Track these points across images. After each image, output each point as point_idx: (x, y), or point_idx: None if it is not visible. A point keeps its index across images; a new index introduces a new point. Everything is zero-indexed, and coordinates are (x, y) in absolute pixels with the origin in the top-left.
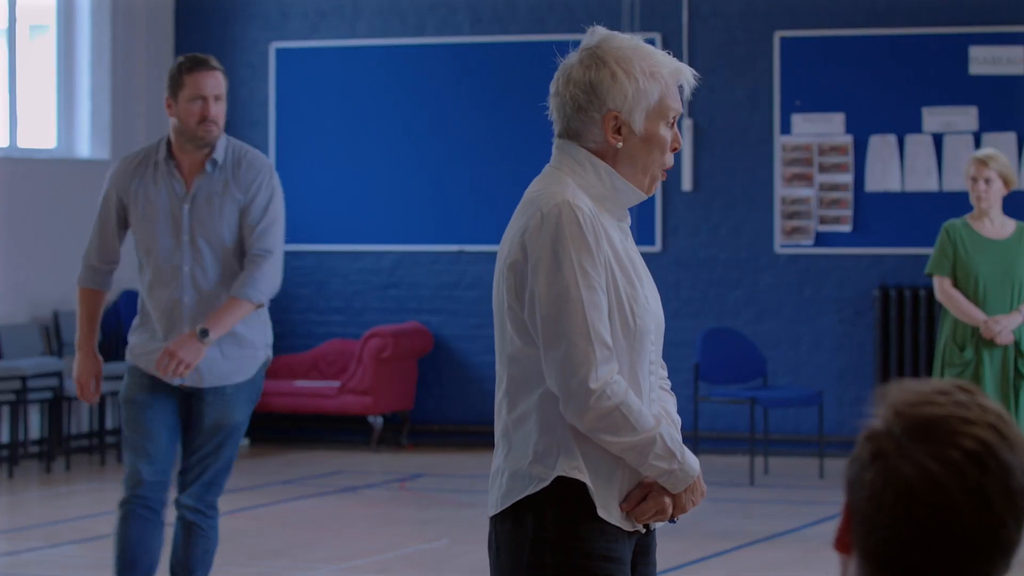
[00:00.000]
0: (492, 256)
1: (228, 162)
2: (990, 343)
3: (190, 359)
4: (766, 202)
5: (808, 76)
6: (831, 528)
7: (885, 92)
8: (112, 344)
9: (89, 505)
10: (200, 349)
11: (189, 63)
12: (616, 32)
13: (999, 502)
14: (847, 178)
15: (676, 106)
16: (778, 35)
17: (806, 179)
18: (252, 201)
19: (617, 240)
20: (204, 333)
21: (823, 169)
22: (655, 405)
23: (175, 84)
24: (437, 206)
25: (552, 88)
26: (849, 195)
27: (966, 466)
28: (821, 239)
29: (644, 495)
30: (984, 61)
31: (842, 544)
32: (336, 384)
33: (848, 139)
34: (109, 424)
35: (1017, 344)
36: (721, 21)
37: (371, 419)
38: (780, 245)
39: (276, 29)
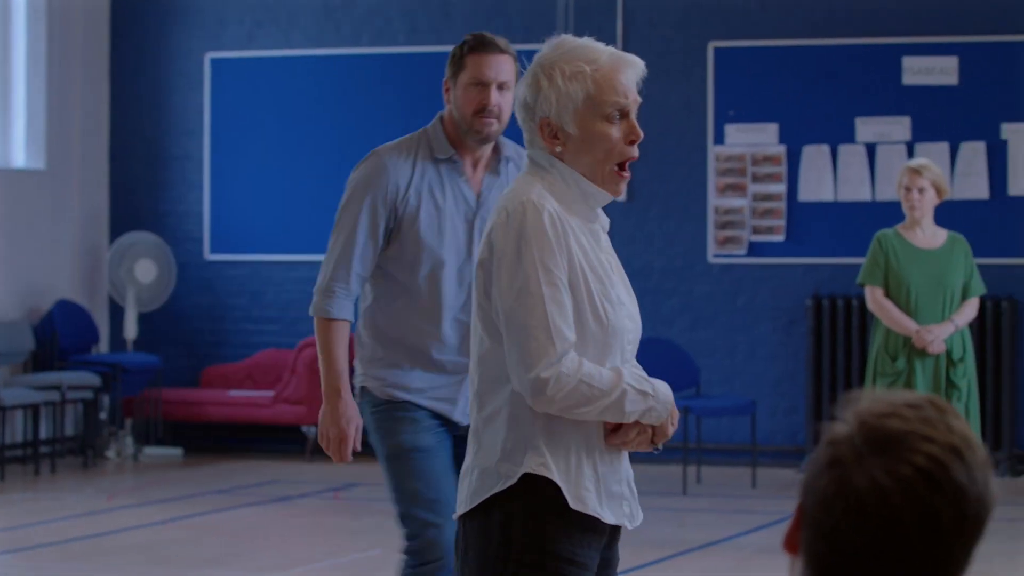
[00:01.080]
0: None
1: (515, 161)
2: (922, 353)
3: None
4: (700, 212)
5: (742, 86)
6: (764, 537)
7: (818, 102)
8: (47, 355)
9: (23, 516)
10: None
11: (473, 42)
12: (568, 37)
13: (949, 524)
14: (780, 188)
15: (615, 99)
16: (712, 45)
17: (739, 189)
18: None
19: (586, 241)
20: None
21: (756, 179)
22: None
23: (456, 64)
24: None
25: None
26: (782, 205)
27: (917, 483)
28: (754, 248)
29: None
30: (917, 71)
31: (791, 544)
32: (270, 394)
33: (781, 149)
34: (44, 434)
35: (949, 353)
36: (656, 31)
37: (305, 429)
38: (714, 255)
39: (212, 39)
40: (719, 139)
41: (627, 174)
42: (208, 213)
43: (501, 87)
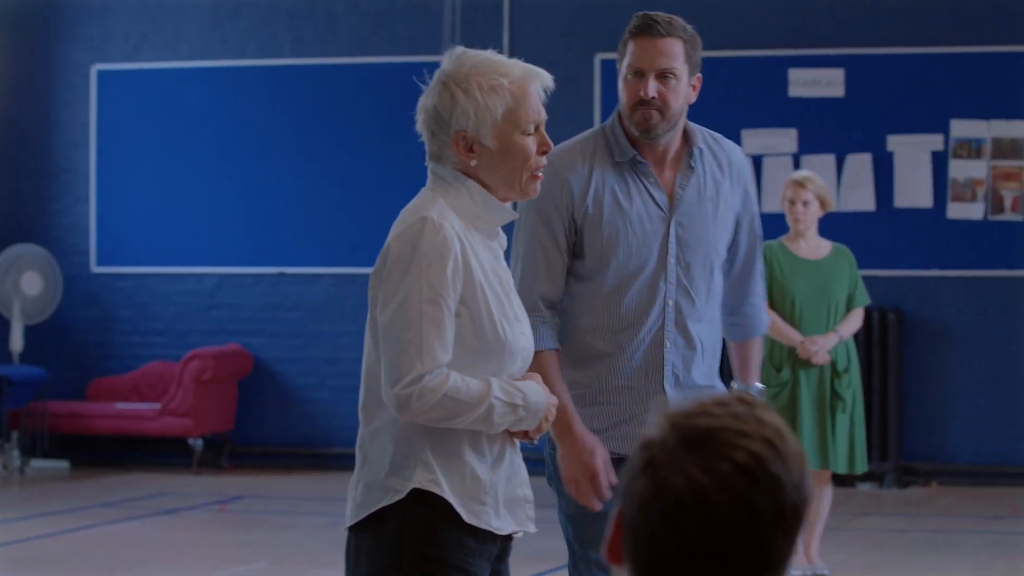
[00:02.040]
0: (313, 278)
1: (710, 151)
2: (807, 363)
3: None
4: None
5: None
6: None
7: (704, 114)
8: None
9: None
10: None
11: (633, 24)
12: (469, 50)
13: (768, 516)
14: None
15: (531, 114)
16: (599, 56)
17: None
18: (745, 205)
19: (486, 258)
20: (762, 394)
21: None
22: None
23: (620, 52)
24: (258, 228)
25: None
26: None
27: (735, 478)
28: None
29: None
30: (803, 83)
31: (613, 554)
32: (157, 406)
33: None
34: None
35: (833, 364)
36: (542, 42)
37: (191, 441)
38: None
39: (98, 51)
40: None
41: (541, 176)
42: (94, 225)
43: (662, 75)
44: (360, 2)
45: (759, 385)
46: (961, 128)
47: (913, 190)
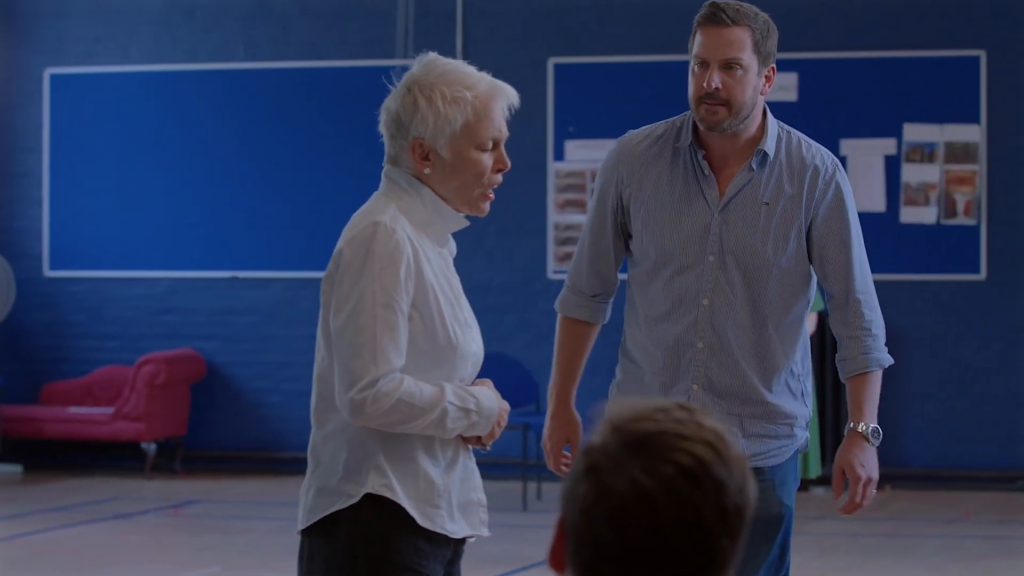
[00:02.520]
0: (266, 282)
1: (783, 156)
2: None
3: (875, 474)
4: (539, 228)
5: (582, 102)
6: None
7: (658, 119)
8: None
9: None
10: (874, 454)
11: (701, 14)
12: (440, 57)
13: (712, 518)
14: None
15: (490, 130)
16: (552, 60)
17: (580, 205)
18: (818, 213)
19: (437, 264)
20: (876, 433)
21: None
22: None
23: (689, 43)
24: (211, 232)
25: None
26: None
27: (679, 481)
28: None
29: None
30: None
31: (556, 560)
32: (110, 411)
33: None
34: None
35: None
36: (495, 46)
37: (145, 445)
38: (553, 271)
39: (51, 54)
40: (559, 155)
41: (492, 196)
42: (47, 230)
43: (728, 66)
44: (313, 5)
45: (873, 426)
46: (914, 132)
47: (866, 194)
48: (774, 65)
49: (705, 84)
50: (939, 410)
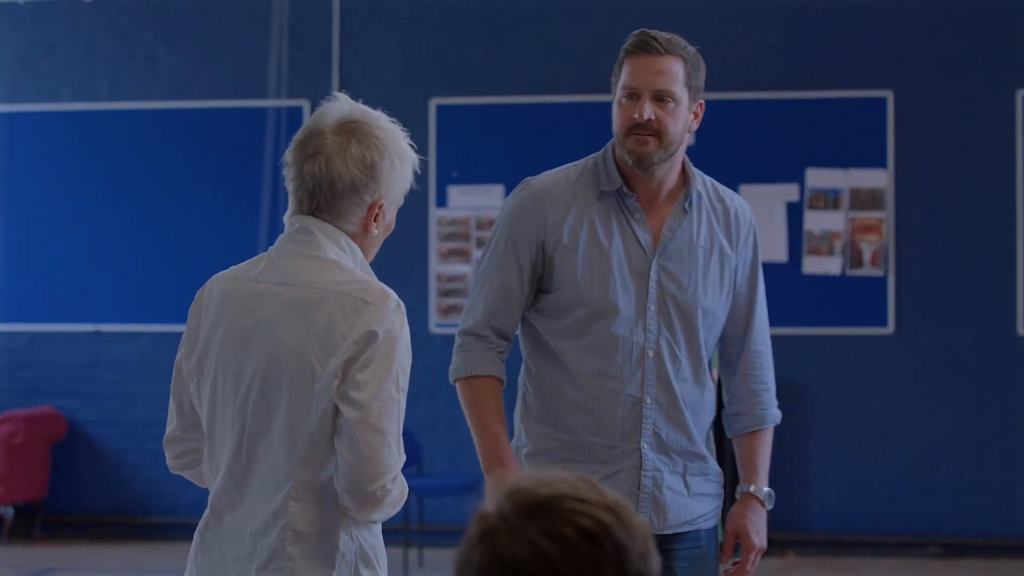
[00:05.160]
0: (131, 336)
1: (709, 198)
2: None
3: (766, 542)
4: (421, 279)
5: (465, 146)
6: None
7: (544, 162)
8: None
9: None
10: (765, 519)
11: (629, 42)
12: (383, 115)
13: None
14: None
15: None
16: (434, 102)
17: (463, 255)
18: (740, 261)
19: None
20: (771, 497)
21: (481, 244)
22: None
23: (615, 74)
24: (72, 282)
25: (299, 158)
26: None
27: (580, 544)
28: None
29: None
30: None
31: None
32: None
33: None
34: None
35: None
36: (374, 87)
37: (1, 510)
38: (436, 324)
39: None
40: (441, 201)
41: None
42: None
43: (660, 97)
44: (181, 44)
45: (767, 489)
46: (817, 177)
47: (767, 243)
48: (703, 101)
49: (636, 115)
50: (843, 472)
